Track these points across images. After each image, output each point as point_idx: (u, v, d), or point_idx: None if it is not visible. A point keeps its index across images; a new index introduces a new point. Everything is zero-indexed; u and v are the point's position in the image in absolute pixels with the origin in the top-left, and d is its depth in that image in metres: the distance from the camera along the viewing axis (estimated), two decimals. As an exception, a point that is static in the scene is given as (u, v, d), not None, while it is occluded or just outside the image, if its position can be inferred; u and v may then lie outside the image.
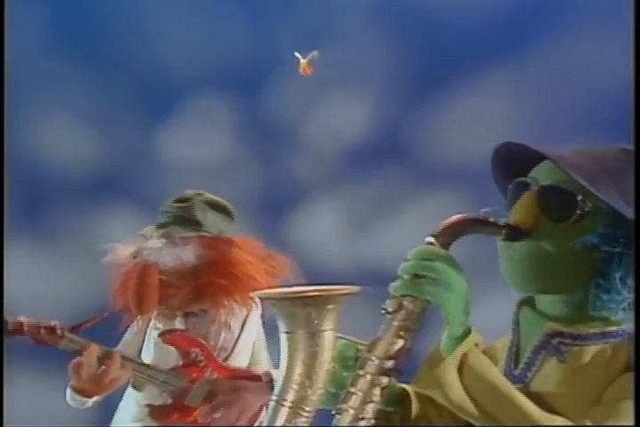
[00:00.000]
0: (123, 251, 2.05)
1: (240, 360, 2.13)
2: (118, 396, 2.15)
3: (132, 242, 2.06)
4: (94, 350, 1.91)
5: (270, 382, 2.02)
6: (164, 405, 2.06)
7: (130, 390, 2.09)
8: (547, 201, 0.99)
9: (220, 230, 2.09)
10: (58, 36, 3.14)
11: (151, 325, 2.13)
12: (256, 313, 2.15)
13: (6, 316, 1.98)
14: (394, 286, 0.91)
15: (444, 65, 3.04)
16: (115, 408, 2.17)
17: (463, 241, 0.95)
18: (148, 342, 2.14)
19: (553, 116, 2.99)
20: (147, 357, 2.13)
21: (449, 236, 0.93)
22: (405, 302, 0.90)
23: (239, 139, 3.24)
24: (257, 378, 2.08)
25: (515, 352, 1.03)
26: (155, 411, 2.05)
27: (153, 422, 2.05)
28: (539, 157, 1.02)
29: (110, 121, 3.17)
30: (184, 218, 2.05)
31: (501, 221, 0.98)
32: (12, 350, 2.77)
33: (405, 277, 0.90)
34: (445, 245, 0.92)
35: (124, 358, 1.97)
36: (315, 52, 2.83)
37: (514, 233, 0.98)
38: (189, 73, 3.15)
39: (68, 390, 1.96)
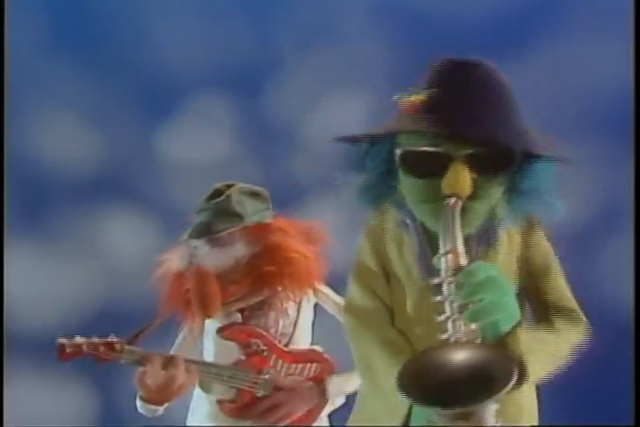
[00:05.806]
0: (174, 261, 2.04)
1: (302, 343, 2.13)
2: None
3: (180, 251, 2.05)
4: (157, 358, 1.88)
5: (321, 384, 2.05)
6: (235, 399, 2.04)
7: (198, 389, 2.07)
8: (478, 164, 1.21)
9: (260, 217, 2.08)
10: (58, 35, 3.13)
11: (206, 326, 2.10)
12: (310, 296, 2.16)
13: (61, 339, 1.91)
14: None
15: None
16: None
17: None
18: (208, 342, 2.12)
19: (552, 116, 2.99)
20: (208, 355, 2.11)
21: None
22: None
23: (239, 139, 3.24)
24: (320, 358, 2.10)
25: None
26: (227, 406, 2.04)
27: (227, 418, 2.03)
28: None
29: (110, 121, 3.16)
30: (223, 212, 2.02)
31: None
32: (12, 350, 2.77)
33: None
34: None
35: (187, 360, 1.94)
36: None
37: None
38: (189, 73, 3.14)
39: (139, 401, 1.93)
